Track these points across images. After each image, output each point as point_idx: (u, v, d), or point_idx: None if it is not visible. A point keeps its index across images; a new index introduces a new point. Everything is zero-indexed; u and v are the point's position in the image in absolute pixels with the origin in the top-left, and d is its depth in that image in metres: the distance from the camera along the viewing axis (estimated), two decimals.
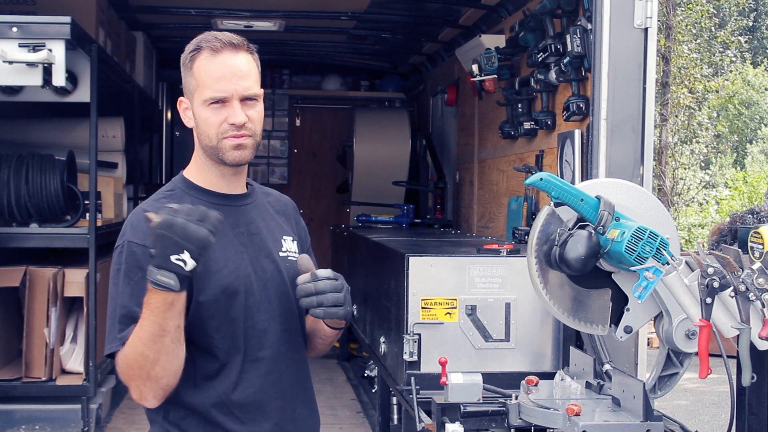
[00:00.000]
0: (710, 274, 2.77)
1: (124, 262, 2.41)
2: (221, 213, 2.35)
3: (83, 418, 5.86)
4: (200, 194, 2.56)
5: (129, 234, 2.43)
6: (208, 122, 2.49)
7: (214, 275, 2.45)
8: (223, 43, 2.48)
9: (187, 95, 2.55)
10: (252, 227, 2.61)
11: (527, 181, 3.03)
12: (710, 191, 23.93)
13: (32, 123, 6.96)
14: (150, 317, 2.27)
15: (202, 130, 2.51)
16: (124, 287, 2.39)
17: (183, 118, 2.58)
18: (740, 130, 32.02)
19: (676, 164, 19.71)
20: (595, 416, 3.05)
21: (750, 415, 3.10)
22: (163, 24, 8.57)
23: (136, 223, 2.44)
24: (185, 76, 2.53)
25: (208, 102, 2.47)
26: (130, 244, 2.41)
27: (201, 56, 2.49)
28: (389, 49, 9.81)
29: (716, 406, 8.82)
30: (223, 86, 2.46)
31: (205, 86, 2.47)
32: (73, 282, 5.88)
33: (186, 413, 2.47)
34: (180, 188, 2.57)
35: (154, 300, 2.25)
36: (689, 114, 19.85)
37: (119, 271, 2.41)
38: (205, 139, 2.51)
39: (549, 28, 5.45)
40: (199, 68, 2.48)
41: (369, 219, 8.55)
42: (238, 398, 2.49)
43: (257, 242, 2.59)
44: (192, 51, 2.51)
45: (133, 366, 2.33)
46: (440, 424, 3.31)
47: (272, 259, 2.59)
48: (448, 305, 4.37)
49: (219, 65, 2.47)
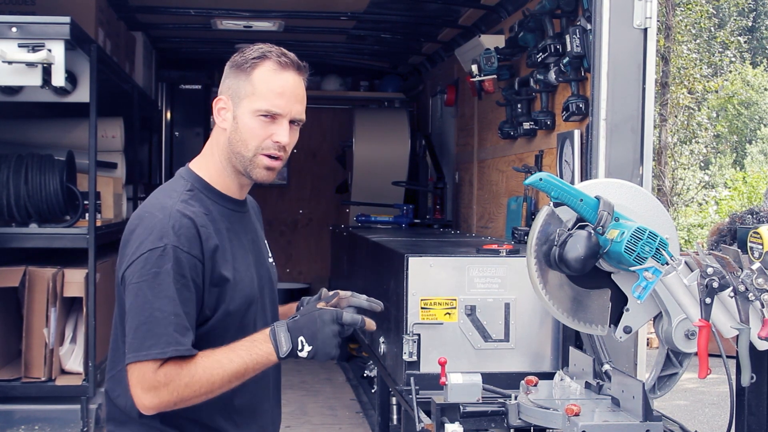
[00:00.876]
0: (710, 274, 2.77)
1: (170, 268, 2.32)
2: (234, 219, 2.47)
3: (82, 418, 5.86)
4: (218, 198, 2.54)
5: (172, 238, 2.34)
6: (253, 132, 2.47)
7: (239, 284, 2.47)
8: (291, 62, 2.51)
9: (232, 97, 2.51)
10: (253, 234, 2.65)
11: (527, 182, 3.03)
12: (710, 191, 23.94)
13: (31, 123, 6.95)
14: (246, 358, 2.33)
15: (241, 137, 2.49)
16: (172, 293, 2.31)
17: (216, 116, 2.55)
18: (740, 130, 32.03)
19: (675, 164, 19.72)
20: (595, 416, 3.05)
21: (749, 415, 3.10)
22: (163, 24, 8.57)
23: (180, 227, 2.37)
24: (237, 79, 2.50)
25: (260, 113, 2.46)
26: (176, 249, 2.34)
27: (265, 66, 2.48)
28: (389, 49, 9.81)
29: (715, 406, 8.83)
30: (280, 103, 2.46)
31: (262, 97, 2.46)
32: (73, 282, 5.87)
33: (186, 419, 2.44)
34: (197, 188, 2.53)
35: (263, 349, 2.35)
36: (689, 114, 19.87)
37: (160, 275, 2.31)
38: (241, 146, 2.50)
39: (548, 28, 5.45)
40: (261, 77, 2.47)
41: (368, 219, 8.55)
42: (239, 403, 2.51)
43: (257, 249, 2.64)
44: (255, 58, 2.48)
45: (196, 386, 2.31)
46: (440, 425, 3.31)
47: (266, 266, 2.66)
48: (448, 305, 4.37)
49: (282, 81, 2.48)
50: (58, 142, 6.61)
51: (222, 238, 2.45)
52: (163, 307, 2.30)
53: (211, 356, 2.34)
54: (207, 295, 2.40)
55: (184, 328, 2.31)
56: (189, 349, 2.31)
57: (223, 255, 2.43)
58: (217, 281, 2.40)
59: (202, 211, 2.44)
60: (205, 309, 2.40)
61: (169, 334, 2.29)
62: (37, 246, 6.02)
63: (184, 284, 2.32)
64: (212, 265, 2.39)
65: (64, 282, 5.85)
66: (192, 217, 2.38)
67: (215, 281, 2.40)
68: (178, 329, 2.30)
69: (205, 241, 2.39)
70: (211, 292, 2.40)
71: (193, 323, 2.35)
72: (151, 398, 2.31)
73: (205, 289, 2.39)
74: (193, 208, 2.42)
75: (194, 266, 2.35)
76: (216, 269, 2.40)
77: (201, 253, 2.37)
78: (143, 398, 2.32)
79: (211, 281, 2.39)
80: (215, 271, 2.39)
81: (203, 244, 2.38)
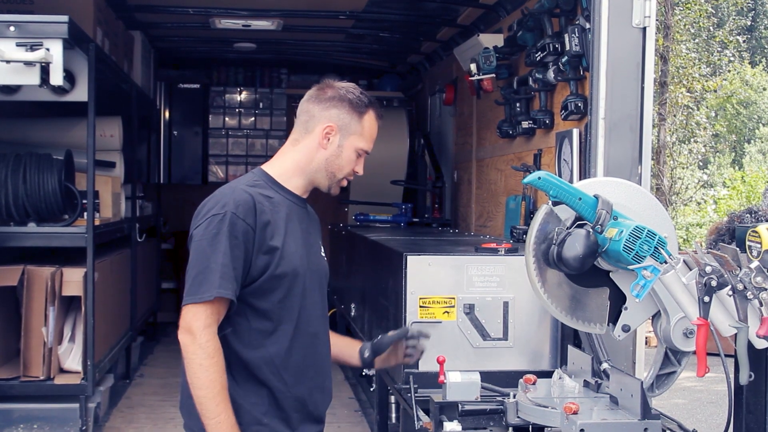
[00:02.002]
0: (708, 272, 2.77)
1: (226, 229, 2.82)
2: (293, 209, 3.02)
3: (81, 417, 5.86)
4: (281, 190, 3.04)
5: (232, 206, 2.85)
6: (350, 162, 3.09)
7: (290, 256, 2.93)
8: (381, 114, 3.16)
9: (342, 130, 3.07)
10: (309, 228, 3.13)
11: (525, 180, 3.03)
12: (708, 190, 23.97)
13: (30, 122, 6.95)
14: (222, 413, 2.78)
15: (338, 163, 3.08)
16: (226, 249, 2.80)
17: (321, 139, 3.06)
18: (738, 129, 32.04)
19: (674, 163, 19.73)
20: (593, 415, 3.06)
21: (748, 413, 3.10)
22: (161, 23, 8.57)
23: (240, 200, 2.87)
24: (351, 116, 3.07)
25: (360, 150, 3.09)
26: (233, 215, 2.84)
27: (371, 115, 3.12)
28: (387, 48, 9.81)
29: (714, 404, 8.83)
30: (370, 146, 3.13)
31: (365, 139, 3.10)
32: (71, 281, 5.87)
33: (235, 367, 2.90)
34: (264, 181, 3.03)
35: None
36: (687, 113, 19.87)
37: (218, 234, 2.81)
38: (335, 169, 3.08)
39: (547, 27, 5.45)
40: (368, 124, 3.10)
41: (367, 218, 8.55)
42: (287, 362, 2.94)
43: (310, 240, 3.11)
44: (367, 104, 3.10)
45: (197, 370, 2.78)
46: (438, 423, 3.31)
47: (318, 256, 3.14)
48: (446, 304, 4.37)
49: (375, 130, 3.15)
50: (56, 141, 6.61)
51: (277, 217, 2.94)
52: (219, 260, 2.79)
53: (214, 373, 2.79)
54: (256, 259, 2.87)
55: (230, 277, 2.80)
56: (230, 293, 2.79)
57: (274, 229, 2.91)
58: (267, 249, 2.88)
59: (264, 195, 2.95)
60: (252, 271, 2.86)
61: (214, 280, 2.78)
62: (35, 245, 6.02)
63: (236, 245, 2.82)
64: (263, 235, 2.87)
65: (62, 281, 5.85)
66: (252, 194, 2.90)
67: (265, 249, 2.88)
68: (224, 277, 2.79)
69: (259, 215, 2.88)
70: (260, 258, 2.87)
71: (239, 278, 2.83)
72: (192, 337, 2.79)
73: (254, 253, 2.86)
74: (255, 190, 2.94)
75: (246, 232, 2.84)
76: (266, 240, 2.88)
77: (255, 222, 2.86)
78: (187, 335, 2.79)
79: (261, 249, 2.87)
80: (265, 242, 2.87)
81: (257, 216, 2.87)
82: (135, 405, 7.32)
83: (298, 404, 2.98)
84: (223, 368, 2.80)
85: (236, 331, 2.90)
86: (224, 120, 11.39)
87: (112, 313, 6.95)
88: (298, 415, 2.99)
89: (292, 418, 2.97)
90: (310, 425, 3.05)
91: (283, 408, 2.95)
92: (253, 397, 2.92)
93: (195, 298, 2.79)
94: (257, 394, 2.92)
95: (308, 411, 3.02)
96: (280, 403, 2.94)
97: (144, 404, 7.33)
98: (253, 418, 2.90)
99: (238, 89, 11.41)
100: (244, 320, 2.90)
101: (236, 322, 2.89)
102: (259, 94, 11.39)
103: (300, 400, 2.99)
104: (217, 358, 2.79)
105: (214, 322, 2.80)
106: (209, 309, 2.79)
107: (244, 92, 11.43)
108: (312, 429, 3.06)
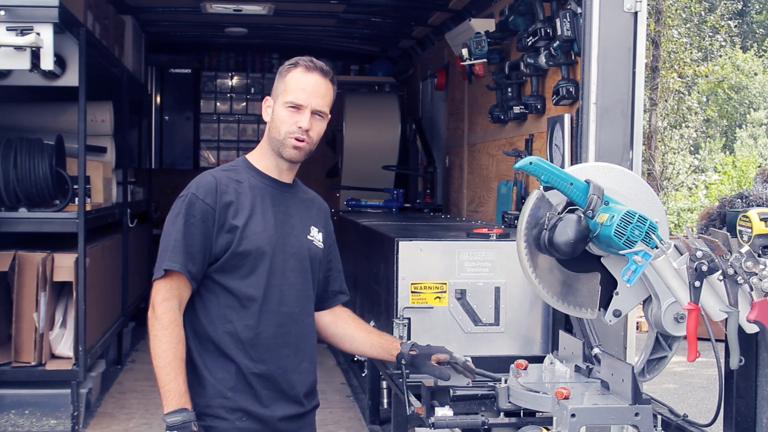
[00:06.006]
0: (699, 257, 2.77)
1: (184, 209, 3.01)
2: (268, 192, 3.12)
3: (73, 402, 5.86)
4: (256, 174, 3.17)
5: (194, 188, 3.04)
6: (283, 120, 3.10)
7: (253, 236, 3.05)
8: (316, 67, 3.13)
9: (273, 96, 3.16)
10: (289, 210, 3.20)
11: (517, 165, 3.03)
12: (699, 176, 24.00)
13: (20, 107, 6.92)
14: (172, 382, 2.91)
15: (275, 125, 3.13)
16: (180, 227, 2.99)
17: (263, 112, 3.19)
18: (729, 114, 32.08)
19: (665, 149, 19.76)
20: (584, 399, 3.06)
21: (738, 398, 3.11)
22: (152, 7, 8.53)
23: (202, 182, 3.06)
24: (277, 82, 3.15)
25: (288, 104, 3.09)
26: (193, 196, 3.02)
27: (296, 70, 3.13)
28: (379, 33, 9.79)
29: (704, 389, 8.87)
30: (303, 96, 3.09)
31: (289, 92, 3.10)
32: (63, 267, 5.86)
33: (205, 343, 3.05)
34: (240, 166, 3.18)
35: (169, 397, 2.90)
36: (679, 98, 19.88)
37: (178, 215, 3.02)
38: (275, 132, 3.12)
39: (539, 12, 5.45)
40: (291, 78, 3.12)
41: (359, 203, 8.55)
42: (254, 340, 3.05)
43: (290, 222, 3.17)
44: (290, 65, 3.15)
45: (152, 340, 2.95)
46: (430, 408, 3.31)
47: (299, 239, 3.19)
48: (438, 289, 4.37)
49: (306, 81, 3.11)
50: (47, 127, 6.59)
51: (242, 198, 3.07)
52: (173, 237, 2.99)
53: (163, 346, 2.94)
54: (218, 237, 3.02)
55: (180, 252, 2.97)
56: (177, 266, 2.96)
57: (237, 209, 3.04)
58: (228, 228, 3.02)
59: (233, 179, 3.10)
60: (216, 248, 3.02)
61: (165, 257, 2.97)
62: (26, 230, 6.01)
63: (193, 223, 2.99)
64: (224, 214, 3.02)
65: (53, 266, 5.84)
66: (217, 177, 3.07)
67: (227, 228, 3.02)
68: (174, 251, 2.97)
69: (221, 195, 3.03)
70: (222, 236, 3.02)
71: (195, 253, 2.99)
72: (151, 310, 2.98)
73: (216, 231, 3.02)
74: (225, 174, 3.11)
75: (205, 211, 3.01)
76: (227, 219, 3.02)
77: (215, 202, 3.02)
78: (150, 310, 2.99)
79: (222, 227, 3.02)
80: (227, 221, 3.02)
81: (218, 197, 3.03)
82: (126, 390, 7.32)
83: (267, 382, 3.07)
84: (177, 340, 2.94)
85: (206, 307, 3.05)
86: (215, 105, 11.38)
87: (104, 299, 6.94)
88: (269, 392, 3.08)
89: (261, 395, 3.06)
90: (286, 405, 3.12)
91: (251, 384, 3.05)
92: (220, 372, 3.04)
93: (155, 275, 2.99)
94: (224, 369, 3.04)
95: (281, 390, 3.10)
96: (247, 379, 3.05)
97: (135, 389, 7.34)
98: (217, 392, 3.03)
99: (229, 74, 11.40)
100: (213, 296, 3.05)
101: (206, 299, 3.06)
102: (250, 79, 11.38)
103: (269, 377, 3.07)
104: (172, 329, 2.94)
105: (172, 296, 2.97)
106: (167, 284, 2.97)
107: (236, 77, 11.41)
108: (289, 409, 3.13)
